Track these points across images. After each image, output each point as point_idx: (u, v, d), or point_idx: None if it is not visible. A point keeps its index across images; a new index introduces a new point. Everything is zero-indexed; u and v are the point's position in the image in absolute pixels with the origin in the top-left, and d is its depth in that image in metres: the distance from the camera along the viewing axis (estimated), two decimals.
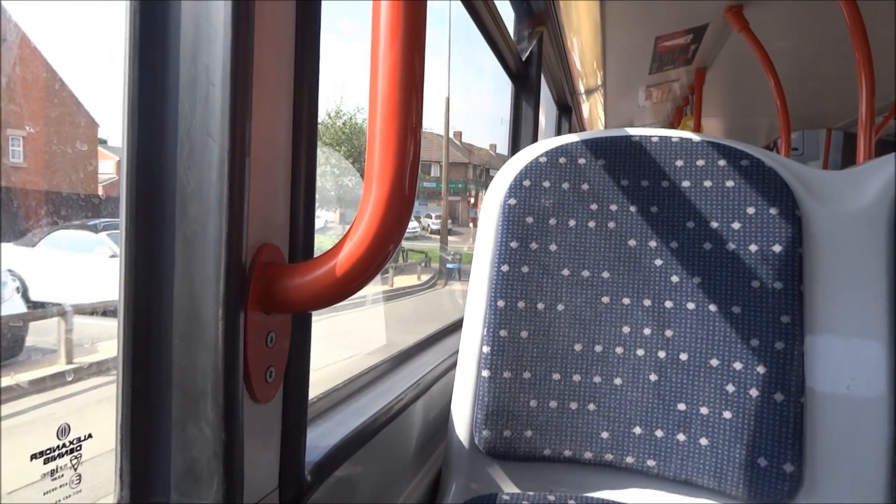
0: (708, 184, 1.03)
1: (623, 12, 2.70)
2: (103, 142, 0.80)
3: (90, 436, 0.54)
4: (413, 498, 1.04)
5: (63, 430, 0.52)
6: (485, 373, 1.04)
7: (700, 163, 1.04)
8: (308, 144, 0.64)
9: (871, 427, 0.92)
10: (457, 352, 1.11)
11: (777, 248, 0.98)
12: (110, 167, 0.81)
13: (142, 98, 0.52)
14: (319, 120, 0.66)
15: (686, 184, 1.05)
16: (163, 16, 0.52)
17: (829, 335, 0.95)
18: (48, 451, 0.51)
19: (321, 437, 0.78)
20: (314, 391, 0.77)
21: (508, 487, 1.06)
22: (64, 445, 0.51)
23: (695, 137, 1.06)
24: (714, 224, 1.02)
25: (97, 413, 0.58)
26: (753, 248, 0.99)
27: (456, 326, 1.58)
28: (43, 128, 0.64)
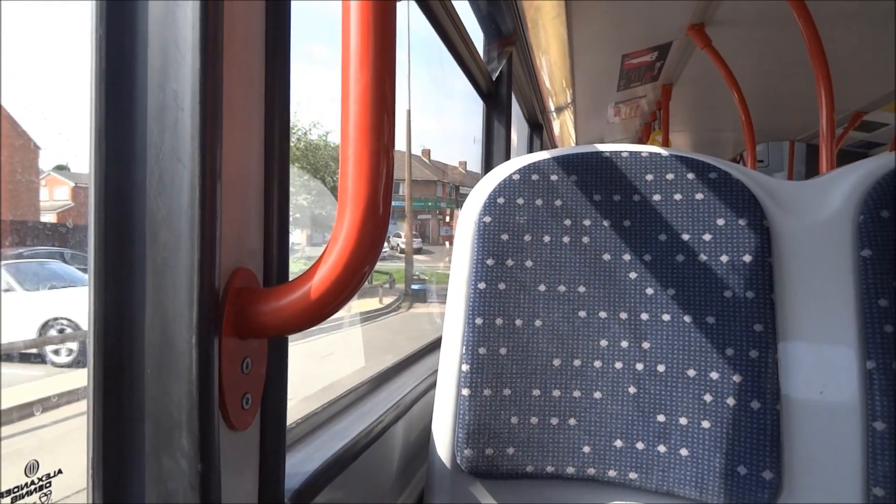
0: (678, 197, 1.05)
1: (589, 31, 2.76)
2: (62, 168, 0.78)
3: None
4: None
5: (31, 467, 0.50)
6: (465, 391, 1.04)
7: (670, 176, 1.06)
8: (280, 168, 0.63)
9: (845, 431, 0.93)
10: (436, 371, 1.11)
11: (747, 259, 1.00)
12: (65, 193, 0.79)
13: (109, 125, 0.51)
14: None
15: (657, 197, 1.06)
16: (130, 42, 0.52)
17: (801, 342, 0.97)
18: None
19: (300, 463, 0.77)
20: None
21: None
22: (33, 482, 0.50)
23: (664, 152, 1.08)
24: (685, 236, 1.04)
25: None
26: (724, 258, 1.01)
27: (434, 346, 1.58)
28: None
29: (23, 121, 0.65)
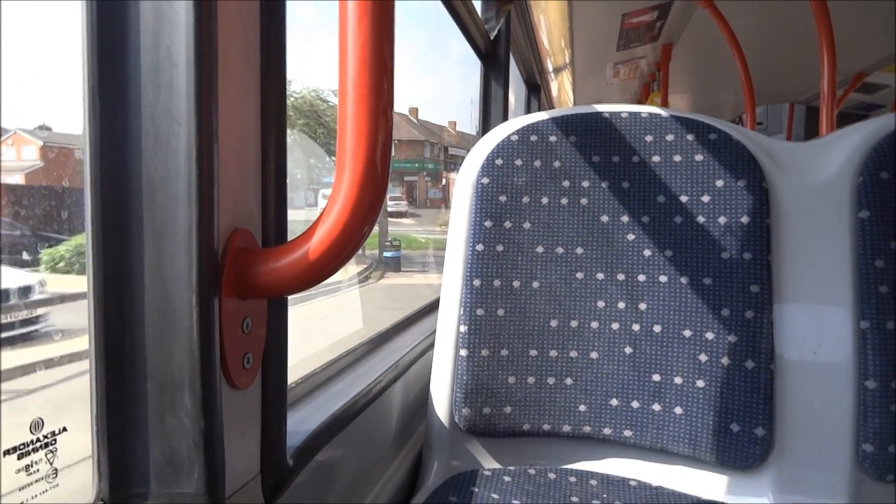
0: (678, 158, 1.05)
1: None
2: (47, 128, 0.75)
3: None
4: (396, 478, 1.05)
5: (36, 425, 0.51)
6: (463, 352, 1.05)
7: (669, 138, 1.05)
8: (277, 128, 0.62)
9: (837, 390, 0.95)
10: (434, 332, 1.12)
11: (745, 220, 1.00)
12: (33, 153, 0.75)
13: (103, 85, 0.50)
14: None
15: (656, 159, 1.06)
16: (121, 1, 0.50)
17: (797, 303, 0.98)
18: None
19: (301, 422, 0.78)
20: None
21: (489, 463, 1.08)
22: (38, 440, 0.50)
23: (663, 112, 1.07)
24: (684, 198, 1.04)
25: None
26: (723, 220, 1.01)
27: (433, 307, 1.59)
28: None
29: None
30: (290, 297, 0.65)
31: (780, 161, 1.03)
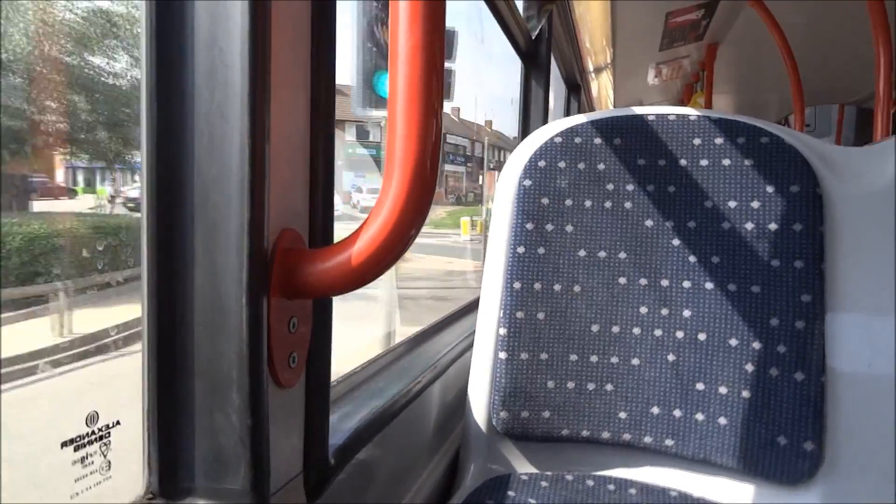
0: (727, 162, 1.02)
1: None
2: None
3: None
4: (432, 478, 1.05)
5: (92, 418, 0.52)
6: (502, 354, 1.04)
7: (718, 141, 1.03)
8: (325, 128, 0.63)
9: (891, 405, 0.91)
10: (473, 333, 1.11)
11: (797, 227, 0.97)
12: None
13: (160, 87, 0.51)
14: None
15: (704, 162, 1.03)
16: (179, 4, 0.51)
17: (851, 314, 0.95)
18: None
19: (341, 421, 0.79)
20: None
21: (526, 468, 1.07)
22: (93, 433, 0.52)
23: (712, 115, 1.05)
24: (732, 203, 1.01)
25: None
26: (773, 226, 0.98)
27: (472, 309, 1.58)
28: None
29: None
30: None
31: (834, 166, 1.00)
